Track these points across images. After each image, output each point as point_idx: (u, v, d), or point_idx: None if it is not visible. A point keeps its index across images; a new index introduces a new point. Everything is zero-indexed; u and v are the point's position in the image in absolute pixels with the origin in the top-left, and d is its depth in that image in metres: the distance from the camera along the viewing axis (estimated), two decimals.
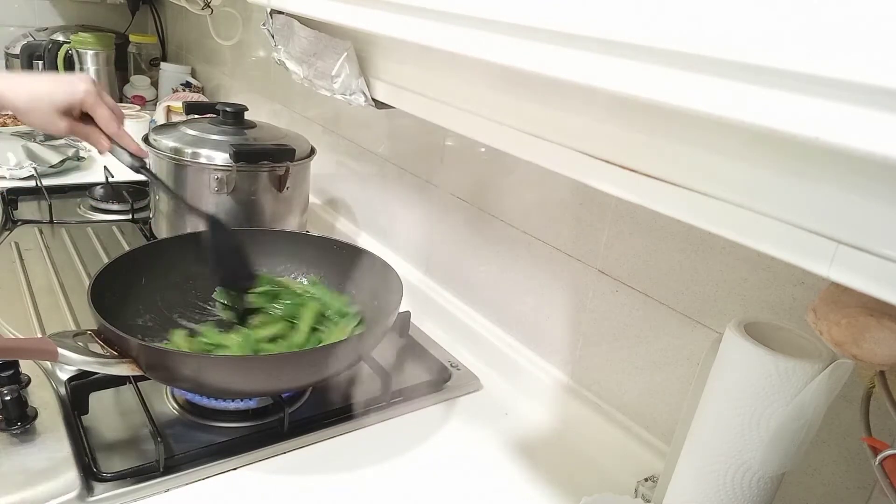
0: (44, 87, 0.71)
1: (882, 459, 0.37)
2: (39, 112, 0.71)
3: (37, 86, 0.71)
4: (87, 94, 0.73)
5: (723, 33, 0.27)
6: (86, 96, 0.73)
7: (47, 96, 0.71)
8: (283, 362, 0.67)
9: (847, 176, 0.27)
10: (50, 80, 0.73)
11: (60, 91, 0.71)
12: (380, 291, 0.81)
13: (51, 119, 0.71)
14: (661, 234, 0.64)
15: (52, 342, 0.59)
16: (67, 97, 0.72)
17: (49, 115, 0.71)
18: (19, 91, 0.70)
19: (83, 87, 0.73)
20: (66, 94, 0.72)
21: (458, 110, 0.52)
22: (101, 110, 0.74)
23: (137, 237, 1.13)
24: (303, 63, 0.72)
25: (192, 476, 0.62)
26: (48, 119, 0.71)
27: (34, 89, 0.71)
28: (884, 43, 0.22)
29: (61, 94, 0.71)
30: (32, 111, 0.71)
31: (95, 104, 0.74)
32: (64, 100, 0.71)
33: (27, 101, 0.70)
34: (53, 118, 0.71)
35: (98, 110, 0.74)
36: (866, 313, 0.36)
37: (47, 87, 0.72)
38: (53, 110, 0.71)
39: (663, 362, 0.66)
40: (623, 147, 0.38)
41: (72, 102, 0.72)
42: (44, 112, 0.71)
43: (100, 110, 0.74)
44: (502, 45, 0.38)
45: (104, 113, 0.75)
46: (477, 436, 0.74)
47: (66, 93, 0.72)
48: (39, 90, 0.71)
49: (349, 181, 1.22)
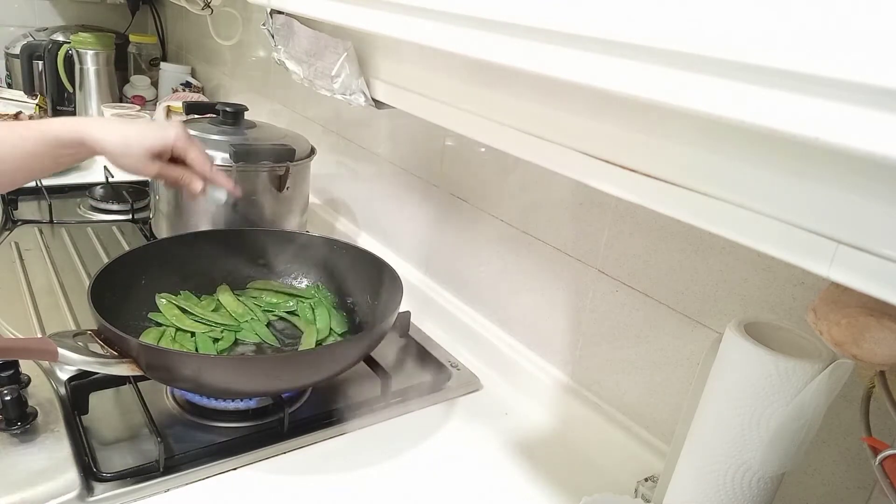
0: (136, 131, 0.72)
1: (882, 459, 0.37)
2: (131, 156, 0.71)
3: (129, 130, 0.72)
4: (178, 137, 0.74)
5: (723, 33, 0.27)
6: (177, 140, 0.74)
7: (139, 140, 0.71)
8: (283, 362, 0.67)
9: (847, 176, 0.27)
10: (141, 125, 0.75)
11: (152, 135, 0.72)
12: (380, 291, 0.82)
13: (142, 162, 0.72)
14: (661, 234, 0.64)
15: (52, 342, 0.59)
16: (159, 140, 0.72)
17: (141, 158, 0.72)
18: (112, 135, 0.70)
19: (174, 132, 0.74)
20: (158, 138, 0.73)
21: (458, 110, 0.52)
22: (193, 150, 0.75)
23: (137, 237, 1.13)
24: (303, 63, 0.72)
25: (192, 476, 0.62)
26: (140, 162, 0.72)
27: (126, 134, 0.71)
28: (884, 43, 0.22)
29: (153, 137, 0.72)
30: (125, 155, 0.71)
31: (188, 147, 0.75)
32: (155, 143, 0.72)
33: (120, 146, 0.71)
34: (145, 161, 0.72)
35: (190, 150, 0.75)
36: (866, 313, 0.36)
37: (139, 131, 0.73)
38: (145, 153, 0.72)
39: (663, 362, 0.66)
40: (623, 147, 0.38)
41: (164, 145, 0.73)
42: (135, 155, 0.71)
43: (193, 150, 0.75)
44: (502, 45, 0.38)
45: (198, 153, 0.76)
46: (477, 436, 0.74)
47: (157, 136, 0.73)
48: (131, 134, 0.71)
49: (349, 181, 1.22)
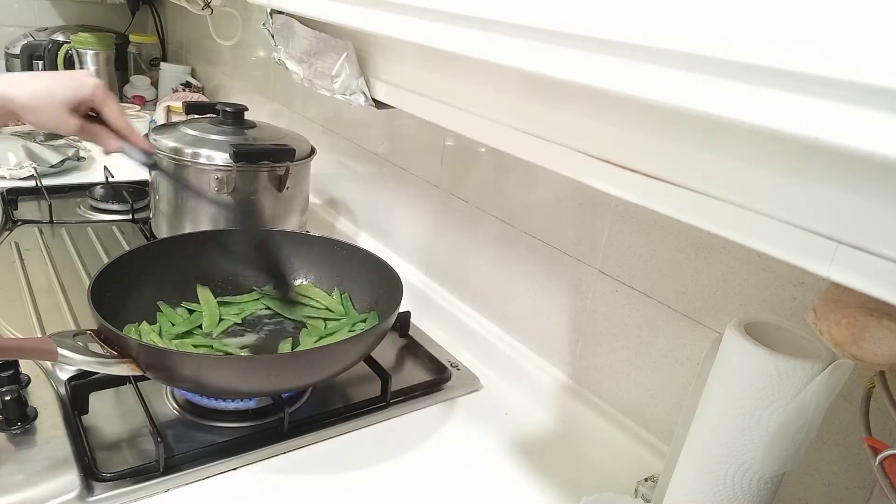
0: (50, 84, 0.67)
1: (882, 459, 0.37)
2: (48, 110, 0.66)
3: (42, 83, 0.67)
4: (95, 88, 0.69)
5: (723, 33, 0.27)
6: (94, 91, 0.69)
7: (54, 93, 0.66)
8: (283, 362, 0.67)
9: (847, 176, 0.27)
10: (55, 77, 0.69)
11: (68, 87, 0.67)
12: (380, 291, 0.82)
13: (60, 117, 0.67)
14: (661, 234, 0.64)
15: (52, 342, 0.59)
16: (75, 92, 0.67)
17: (58, 112, 0.67)
18: (24, 89, 0.66)
19: (91, 83, 0.69)
20: (74, 90, 0.67)
21: (458, 110, 0.52)
22: (109, 104, 0.71)
23: (137, 237, 1.13)
24: (303, 63, 0.72)
25: (192, 476, 0.62)
26: (57, 117, 0.67)
27: (40, 87, 0.66)
28: (884, 43, 0.22)
29: (69, 90, 0.67)
30: (40, 109, 0.66)
31: (105, 99, 0.70)
32: (73, 95, 0.67)
33: (33, 99, 0.66)
34: (63, 115, 0.67)
35: (108, 106, 0.70)
36: (866, 313, 0.36)
37: (53, 83, 0.67)
38: (62, 107, 0.67)
39: (663, 362, 0.66)
40: (623, 147, 0.38)
41: (81, 98, 0.68)
42: (52, 109, 0.66)
43: (110, 104, 0.70)
44: (502, 45, 0.38)
45: (114, 109, 0.71)
46: (477, 436, 0.74)
47: (73, 88, 0.67)
48: (46, 87, 0.66)
49: (349, 181, 1.22)
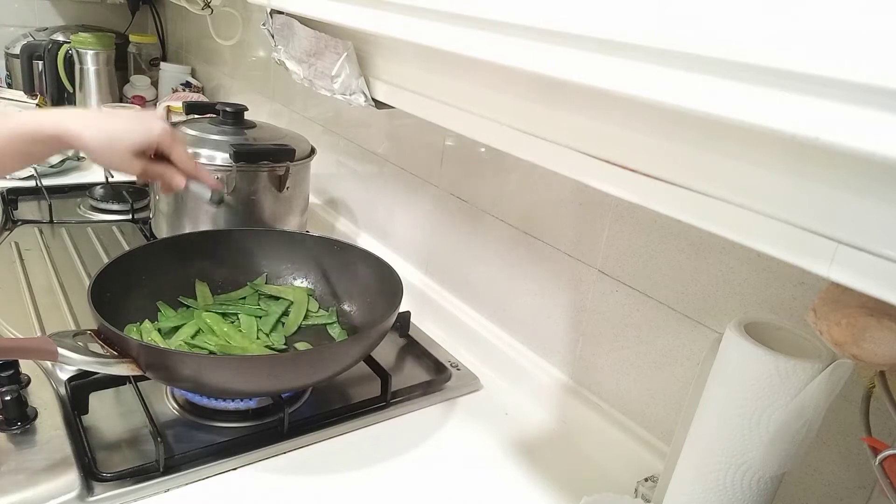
0: (119, 128, 0.68)
1: (882, 459, 0.37)
2: (114, 153, 0.68)
3: (112, 127, 0.68)
4: (162, 134, 0.71)
5: (723, 34, 0.27)
6: (162, 137, 0.71)
7: (122, 136, 0.68)
8: (283, 362, 0.67)
9: (847, 176, 0.27)
10: (125, 120, 0.71)
11: (136, 132, 0.69)
12: (380, 291, 0.82)
13: (126, 160, 0.69)
14: (661, 234, 0.64)
15: (52, 342, 0.59)
16: (143, 138, 0.69)
17: (124, 156, 0.68)
18: (93, 132, 0.67)
19: (158, 127, 0.70)
20: (142, 135, 0.69)
21: (458, 110, 0.52)
22: (178, 148, 0.73)
23: (137, 237, 1.13)
24: (303, 63, 0.72)
25: (192, 476, 0.62)
26: (123, 160, 0.69)
27: (109, 130, 0.68)
28: (884, 43, 0.22)
29: (136, 135, 0.69)
30: (108, 152, 0.68)
31: (172, 144, 0.72)
32: (140, 141, 0.69)
33: (102, 143, 0.67)
34: (127, 159, 0.69)
35: (176, 148, 0.72)
36: (866, 313, 0.36)
37: (123, 126, 0.69)
38: (127, 151, 0.68)
39: (663, 362, 0.66)
40: (623, 147, 0.38)
41: (148, 143, 0.70)
42: (119, 153, 0.68)
43: (178, 148, 0.72)
44: (502, 45, 0.38)
45: (181, 150, 0.73)
46: (477, 436, 0.74)
47: (141, 134, 0.69)
48: (114, 131, 0.68)
49: (349, 181, 1.22)
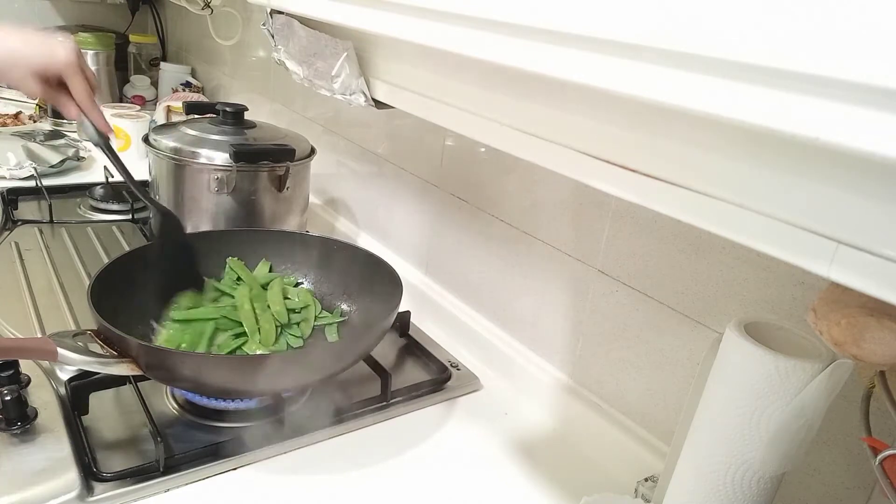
0: (21, 47, 0.69)
1: (882, 459, 0.37)
2: (13, 71, 0.68)
3: (16, 44, 0.68)
4: (66, 64, 0.70)
5: (723, 33, 0.27)
6: (65, 66, 0.70)
7: (25, 58, 0.68)
8: (283, 362, 0.67)
9: (847, 176, 0.27)
10: (30, 41, 0.70)
11: (39, 55, 0.69)
12: (380, 291, 0.81)
13: (24, 80, 0.69)
14: (661, 234, 0.64)
15: (52, 342, 0.59)
16: (45, 62, 0.69)
17: (23, 76, 0.69)
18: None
19: (63, 56, 0.70)
20: (45, 59, 0.69)
21: (458, 110, 0.52)
22: (77, 81, 0.72)
23: (137, 237, 1.13)
24: (303, 63, 0.72)
25: (192, 476, 0.62)
26: (22, 80, 0.69)
27: (13, 48, 0.68)
28: (884, 43, 0.22)
29: (40, 58, 0.69)
30: (6, 70, 0.68)
31: (73, 74, 0.71)
32: (41, 63, 0.69)
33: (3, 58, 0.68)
34: (27, 80, 0.69)
35: (74, 81, 0.71)
36: (866, 313, 0.36)
37: (27, 48, 0.69)
38: (28, 72, 0.69)
39: (663, 362, 0.66)
40: (623, 147, 0.38)
41: (49, 67, 0.70)
42: (19, 72, 0.68)
43: (76, 81, 0.72)
44: (502, 45, 0.38)
45: (80, 85, 0.72)
46: (477, 436, 0.74)
47: (45, 57, 0.69)
48: (17, 49, 0.68)
49: (349, 181, 1.22)
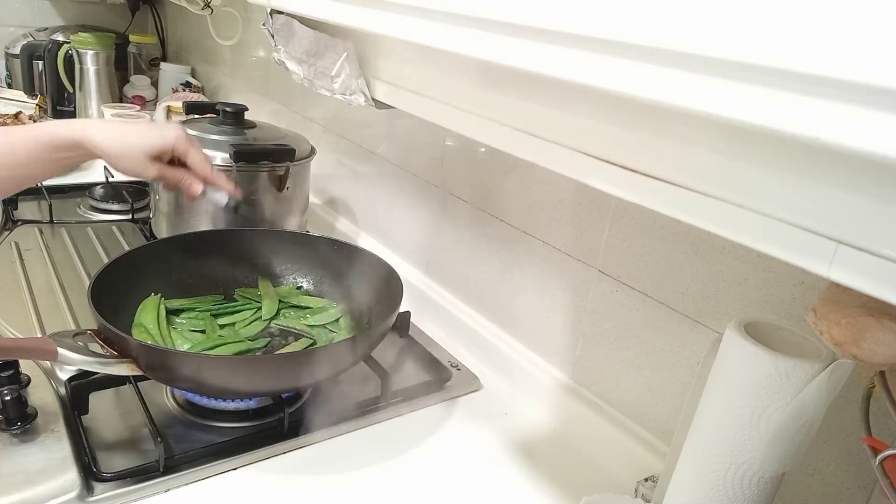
0: (135, 133, 0.72)
1: (882, 459, 0.37)
2: (130, 158, 0.71)
3: (128, 132, 0.72)
4: (178, 139, 0.73)
5: (723, 33, 0.27)
6: (177, 142, 0.73)
7: (139, 142, 0.71)
8: (283, 362, 0.67)
9: (847, 176, 0.27)
10: (141, 128, 0.74)
11: (152, 137, 0.72)
12: (380, 291, 0.81)
13: (141, 164, 0.72)
14: (661, 234, 0.64)
15: (52, 342, 0.59)
16: (159, 142, 0.72)
17: (140, 160, 0.71)
18: (110, 137, 0.70)
19: (174, 134, 0.73)
20: (158, 139, 0.72)
21: (458, 110, 0.52)
22: (193, 152, 0.75)
23: (137, 237, 1.13)
24: (303, 63, 0.72)
25: (192, 476, 0.62)
26: (139, 164, 0.72)
27: (126, 136, 0.71)
28: (884, 43, 0.22)
29: (152, 140, 0.72)
30: (124, 157, 0.71)
31: (188, 147, 0.74)
32: (155, 146, 0.72)
33: (118, 148, 0.70)
34: (144, 163, 0.72)
35: (191, 153, 0.75)
36: (866, 313, 0.36)
37: (138, 132, 0.72)
38: (144, 156, 0.71)
39: (663, 362, 0.66)
40: (623, 147, 0.38)
41: (163, 147, 0.73)
42: (134, 158, 0.71)
43: (192, 152, 0.75)
44: (502, 44, 0.38)
45: (197, 156, 0.75)
46: (477, 436, 0.74)
47: (157, 138, 0.72)
48: (130, 136, 0.71)
49: (349, 181, 1.22)
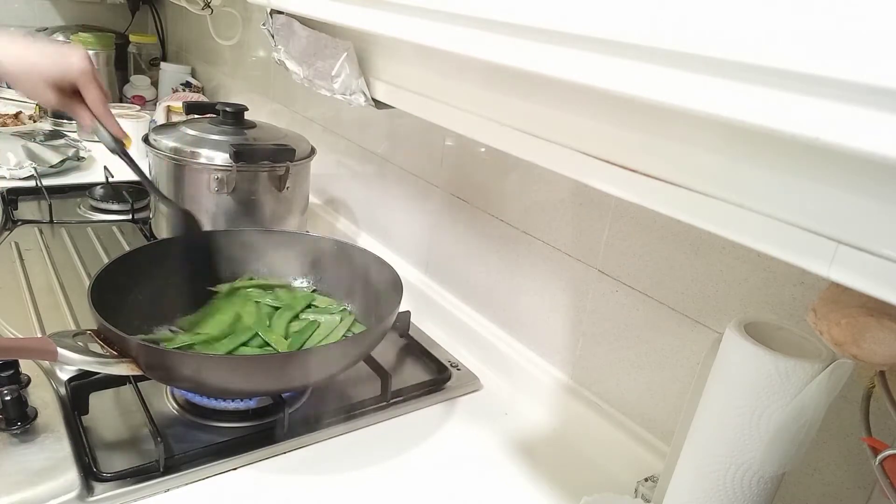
0: (38, 58, 0.70)
1: (882, 459, 0.37)
2: (30, 82, 0.70)
3: (31, 55, 0.70)
4: (81, 73, 0.72)
5: (723, 33, 0.27)
6: (80, 75, 0.72)
7: (41, 68, 0.70)
8: (283, 362, 0.67)
9: (847, 176, 0.27)
10: (45, 52, 0.72)
11: (55, 65, 0.71)
12: (380, 291, 0.81)
13: (40, 90, 0.71)
14: (661, 234, 0.64)
15: (52, 342, 0.59)
16: (61, 72, 0.71)
17: (39, 86, 0.70)
18: (12, 57, 0.69)
19: (78, 65, 0.72)
20: (60, 69, 0.71)
21: (458, 110, 0.52)
22: (91, 89, 0.74)
23: (137, 237, 1.13)
24: (303, 63, 0.72)
25: (192, 476, 0.62)
26: (37, 89, 0.71)
27: (29, 58, 0.70)
28: (884, 43, 0.22)
29: (55, 68, 0.71)
30: (23, 80, 0.70)
31: (87, 83, 0.73)
32: (57, 73, 0.71)
33: (19, 69, 0.69)
34: (43, 89, 0.71)
35: (89, 89, 0.73)
36: (866, 313, 0.36)
37: (42, 58, 0.71)
38: (44, 82, 0.70)
39: (663, 362, 0.66)
40: (623, 147, 0.38)
41: (64, 77, 0.71)
42: (34, 82, 0.70)
43: (90, 89, 0.74)
44: (502, 44, 0.38)
45: (94, 93, 0.74)
46: (477, 436, 0.74)
47: (60, 67, 0.71)
48: (34, 60, 0.70)
49: (349, 181, 1.22)
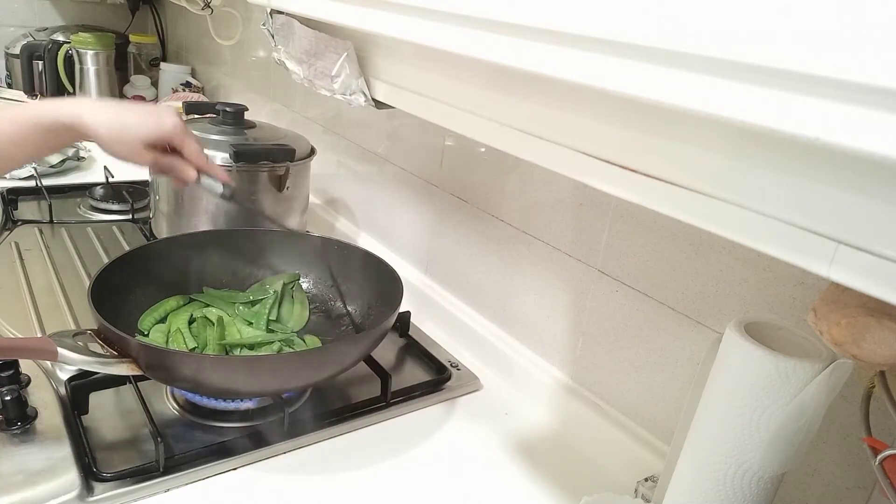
0: (131, 121, 0.70)
1: (882, 459, 0.37)
2: (126, 145, 0.69)
3: (124, 118, 0.69)
4: (175, 128, 0.71)
5: (723, 33, 0.27)
6: (174, 131, 0.71)
7: (135, 130, 0.69)
8: (283, 362, 0.67)
9: (847, 176, 0.27)
10: (138, 112, 0.71)
11: (148, 125, 0.70)
12: (380, 291, 0.82)
13: (136, 151, 0.70)
14: (661, 234, 0.64)
15: (52, 342, 0.59)
16: (155, 131, 0.70)
17: (136, 148, 0.69)
18: (106, 122, 0.68)
19: (171, 122, 0.71)
20: (154, 128, 0.70)
21: (458, 110, 0.52)
22: (189, 143, 0.73)
23: (137, 237, 1.13)
24: (303, 63, 0.72)
25: (192, 476, 0.62)
26: (133, 151, 0.70)
27: (121, 122, 0.69)
28: (884, 43, 0.22)
29: (149, 128, 0.70)
30: (118, 143, 0.69)
31: (184, 138, 0.73)
32: (151, 133, 0.70)
33: (114, 135, 0.68)
34: (140, 151, 0.70)
35: (186, 143, 0.73)
36: (866, 313, 0.36)
37: (135, 119, 0.70)
38: (140, 143, 0.69)
39: (663, 362, 0.66)
40: (623, 147, 0.38)
41: (159, 136, 0.71)
42: (131, 146, 0.69)
43: (188, 143, 0.73)
44: (502, 45, 0.38)
45: (193, 146, 0.74)
46: (477, 436, 0.74)
47: (153, 126, 0.70)
48: (127, 123, 0.69)
49: (349, 181, 1.22)
